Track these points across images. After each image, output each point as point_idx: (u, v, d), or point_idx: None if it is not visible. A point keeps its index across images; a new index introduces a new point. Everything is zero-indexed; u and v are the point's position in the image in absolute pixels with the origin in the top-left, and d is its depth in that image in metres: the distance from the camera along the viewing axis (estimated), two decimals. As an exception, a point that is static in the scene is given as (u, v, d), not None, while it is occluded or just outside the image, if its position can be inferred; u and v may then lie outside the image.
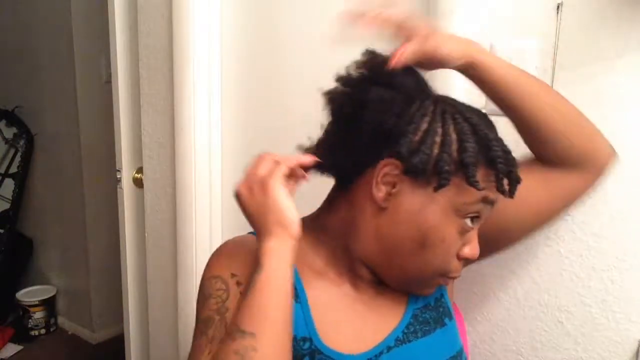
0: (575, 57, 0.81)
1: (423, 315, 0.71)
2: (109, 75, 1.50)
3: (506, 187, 0.61)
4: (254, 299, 0.58)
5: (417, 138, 0.60)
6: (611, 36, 0.78)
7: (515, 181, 0.61)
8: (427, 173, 0.59)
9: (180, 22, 1.20)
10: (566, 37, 0.82)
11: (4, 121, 2.67)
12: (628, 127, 0.79)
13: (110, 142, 1.56)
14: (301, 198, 0.70)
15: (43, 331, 2.58)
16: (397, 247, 0.64)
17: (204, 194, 1.26)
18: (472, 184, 0.58)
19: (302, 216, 0.72)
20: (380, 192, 0.62)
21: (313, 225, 0.70)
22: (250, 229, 0.74)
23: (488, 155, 0.60)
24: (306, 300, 0.66)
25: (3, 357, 2.38)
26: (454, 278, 0.68)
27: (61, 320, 2.69)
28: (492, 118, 0.69)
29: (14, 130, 2.65)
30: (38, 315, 2.55)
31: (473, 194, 0.60)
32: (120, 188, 1.48)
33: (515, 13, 0.86)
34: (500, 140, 0.62)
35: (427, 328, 0.70)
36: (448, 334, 0.71)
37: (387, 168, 0.61)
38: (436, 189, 0.59)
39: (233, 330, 0.57)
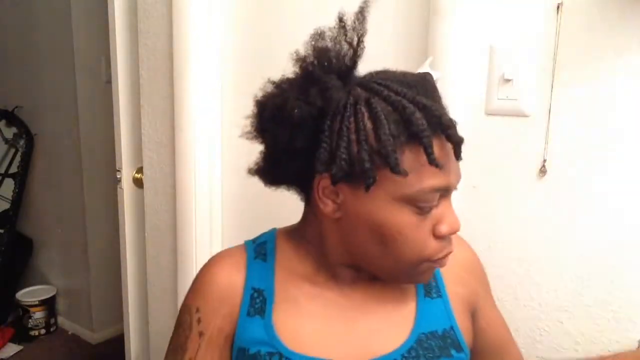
0: (575, 57, 0.81)
1: (428, 342, 0.67)
2: (109, 76, 1.50)
3: (437, 160, 0.55)
4: None
5: (332, 145, 0.56)
6: (611, 36, 0.78)
7: (457, 143, 0.57)
8: (355, 175, 0.56)
9: (180, 22, 1.20)
10: (566, 37, 0.82)
11: (4, 121, 2.67)
12: (627, 127, 0.79)
13: (110, 142, 1.55)
14: (291, 206, 0.70)
15: (43, 331, 2.57)
16: (364, 250, 0.63)
17: (204, 193, 1.26)
18: (396, 172, 0.54)
19: (289, 225, 0.73)
20: (326, 206, 0.61)
21: (296, 234, 0.71)
22: (250, 232, 0.74)
23: (410, 132, 0.55)
24: (271, 314, 0.65)
25: (3, 357, 2.38)
26: (442, 259, 0.62)
27: (61, 320, 2.69)
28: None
29: (14, 130, 2.65)
30: (38, 315, 2.55)
31: (411, 183, 0.56)
32: (121, 188, 1.48)
33: (515, 13, 0.86)
34: (427, 107, 0.56)
35: (430, 355, 0.66)
36: None
37: (323, 182, 0.60)
38: (366, 189, 0.56)
39: None
